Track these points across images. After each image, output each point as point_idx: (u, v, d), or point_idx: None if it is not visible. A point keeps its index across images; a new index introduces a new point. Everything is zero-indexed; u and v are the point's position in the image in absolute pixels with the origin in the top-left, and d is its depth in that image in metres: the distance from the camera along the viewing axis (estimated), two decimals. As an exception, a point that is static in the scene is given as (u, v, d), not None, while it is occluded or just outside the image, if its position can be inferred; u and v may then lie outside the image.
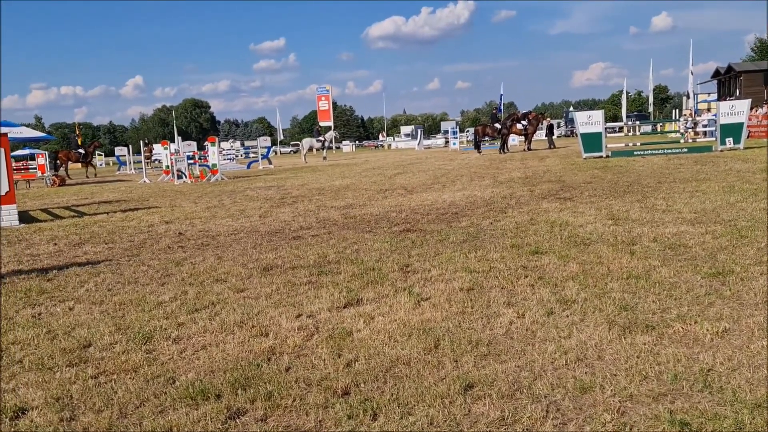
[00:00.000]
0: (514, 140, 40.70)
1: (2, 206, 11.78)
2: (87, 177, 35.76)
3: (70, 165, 35.43)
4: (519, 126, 33.27)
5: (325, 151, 40.51)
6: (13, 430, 3.07)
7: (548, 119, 40.63)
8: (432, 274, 5.71)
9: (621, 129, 52.71)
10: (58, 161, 34.03)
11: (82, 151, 36.55)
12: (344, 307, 4.85)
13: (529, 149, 32.44)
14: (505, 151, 32.11)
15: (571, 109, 76.68)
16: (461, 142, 47.95)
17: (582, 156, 21.36)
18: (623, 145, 26.37)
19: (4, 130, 15.14)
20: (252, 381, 3.47)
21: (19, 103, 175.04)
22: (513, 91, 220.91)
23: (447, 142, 56.32)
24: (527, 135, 33.45)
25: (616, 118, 76.89)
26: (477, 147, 34.69)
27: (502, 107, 51.92)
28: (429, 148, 58.98)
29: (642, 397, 3.04)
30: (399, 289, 5.24)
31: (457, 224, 8.57)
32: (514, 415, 2.93)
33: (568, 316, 4.29)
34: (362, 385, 3.36)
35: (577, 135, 23.15)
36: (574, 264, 5.73)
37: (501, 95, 53.72)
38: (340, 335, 4.17)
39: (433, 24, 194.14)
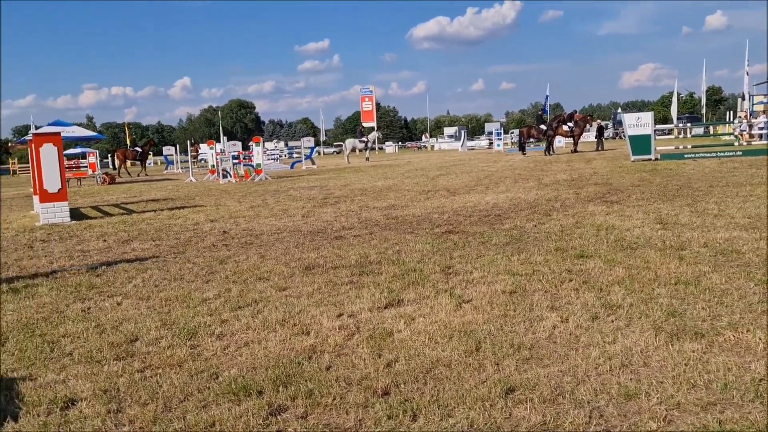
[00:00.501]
0: (560, 142, 40.23)
1: (55, 203, 12.10)
2: (138, 175, 36.57)
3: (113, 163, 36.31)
4: (565, 128, 32.87)
5: (368, 151, 40.62)
6: (63, 420, 3.15)
7: (598, 121, 39.98)
8: (474, 276, 5.67)
9: (671, 131, 51.68)
10: (116, 159, 35.03)
11: (138, 149, 37.50)
12: (385, 308, 4.85)
13: (575, 151, 32.01)
14: (551, 153, 31.74)
15: (619, 110, 75.47)
16: (505, 144, 47.55)
17: (630, 159, 20.99)
18: (673, 147, 25.85)
19: (57, 129, 15.54)
20: (293, 378, 3.50)
21: (72, 103, 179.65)
22: (559, 93, 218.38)
23: (491, 143, 56.03)
24: (574, 137, 33.02)
25: (666, 120, 75.37)
26: (522, 149, 34.35)
27: (547, 108, 51.33)
28: (472, 149, 58.68)
29: (690, 405, 2.97)
30: (440, 291, 5.22)
31: (500, 226, 8.50)
32: (556, 420, 2.90)
33: (613, 321, 4.22)
34: (402, 385, 3.35)
35: (625, 137, 22.76)
36: (620, 268, 5.63)
37: (546, 96, 53.12)
38: (381, 335, 4.17)
39: (479, 24, 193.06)
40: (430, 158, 39.83)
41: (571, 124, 32.74)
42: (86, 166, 31.53)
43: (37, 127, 18.33)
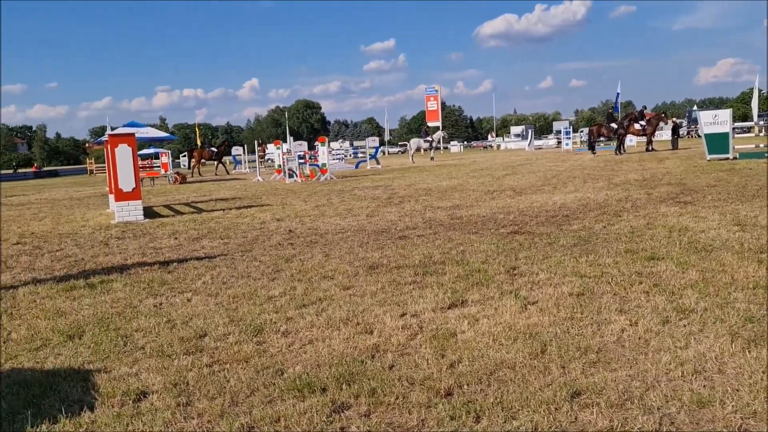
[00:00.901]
0: (632, 141, 39.24)
1: (129, 202, 12.51)
2: (215, 174, 37.56)
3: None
4: (637, 126, 32.00)
5: (432, 151, 40.53)
6: (135, 411, 3.25)
7: (673, 119, 38.80)
8: (540, 278, 5.59)
9: (750, 129, 49.70)
10: (193, 159, 36.12)
11: (214, 149, 38.53)
12: (449, 308, 4.83)
13: (648, 150, 31.17)
14: (622, 152, 30.96)
15: (695, 108, 73.14)
16: (574, 143, 46.68)
17: (706, 158, 20.31)
18: (753, 146, 24.88)
19: (131, 130, 16.07)
20: (356, 377, 3.52)
21: (146, 105, 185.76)
22: (631, 90, 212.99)
23: (559, 142, 55.08)
24: (646, 135, 32.14)
25: (746, 117, 72.55)
26: (591, 148, 33.62)
27: (618, 106, 50.06)
28: (540, 148, 57.84)
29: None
30: (505, 292, 5.17)
31: (567, 227, 8.36)
32: (624, 426, 2.83)
33: (685, 326, 4.09)
34: (465, 386, 3.33)
35: (701, 136, 22.02)
36: (693, 271, 5.45)
37: (618, 94, 51.80)
38: (444, 336, 4.15)
39: (547, 21, 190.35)
40: (496, 158, 39.46)
41: (643, 123, 31.86)
42: (159, 166, 32.53)
43: (112, 128, 18.98)
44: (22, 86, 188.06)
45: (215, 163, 39.78)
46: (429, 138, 40.87)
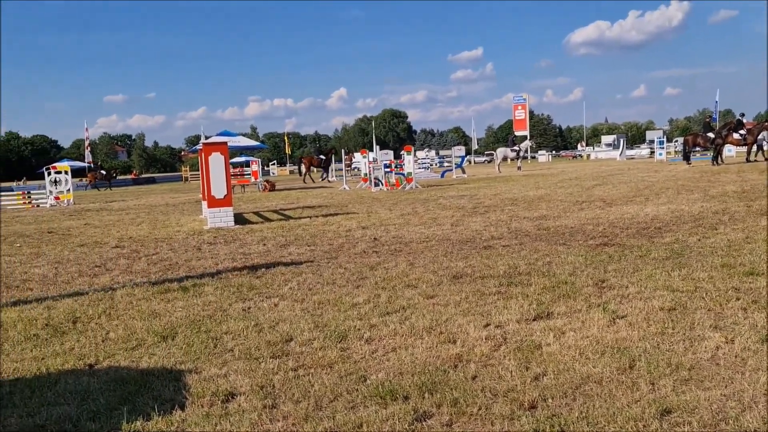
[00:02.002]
0: (731, 151, 37.60)
1: (221, 208, 12.92)
2: (321, 179, 38.37)
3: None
4: (736, 135, 30.63)
5: (519, 161, 40.06)
6: (223, 412, 3.36)
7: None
8: (629, 291, 5.44)
9: None
10: (302, 165, 37.12)
11: (323, 156, 39.35)
12: (534, 320, 4.77)
13: (748, 161, 29.79)
14: (719, 162, 29.70)
15: (798, 117, 69.41)
16: (668, 153, 45.11)
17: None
18: None
19: (224, 139, 16.59)
20: (439, 386, 3.52)
21: (238, 115, 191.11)
22: (730, 98, 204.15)
23: (652, 152, 53.33)
24: (747, 145, 30.71)
25: None
26: (686, 158, 32.41)
27: (716, 115, 48.18)
28: (632, 158, 56.22)
29: None
30: (593, 305, 5.05)
31: (659, 240, 8.09)
32: (717, 447, 2.72)
33: (785, 345, 3.90)
34: (550, 400, 3.28)
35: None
36: (794, 288, 5.18)
37: (716, 102, 49.89)
38: (529, 348, 4.10)
39: (641, 28, 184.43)
40: (586, 167, 38.59)
41: (743, 132, 30.49)
42: (249, 174, 33.45)
43: (206, 137, 19.66)
44: (123, 96, 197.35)
45: (323, 169, 40.39)
46: (516, 147, 40.42)
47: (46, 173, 25.33)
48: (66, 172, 25.46)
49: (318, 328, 4.82)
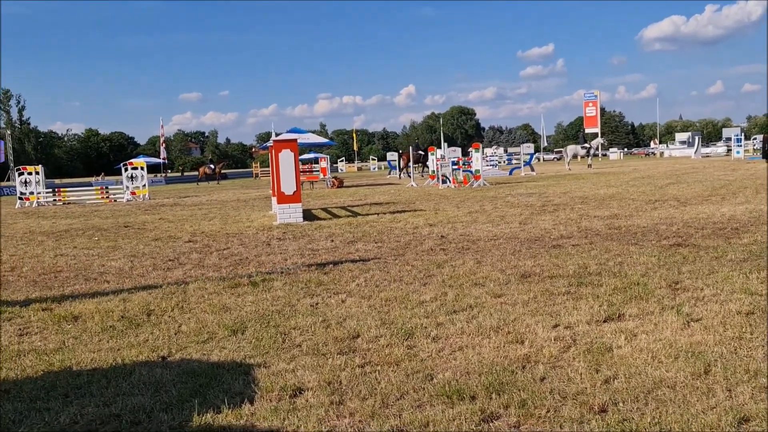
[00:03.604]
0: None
1: (290, 204, 13.13)
2: (422, 175, 38.39)
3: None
4: (819, 133, 29.25)
5: (590, 158, 39.28)
6: (291, 406, 3.42)
7: None
8: (705, 294, 5.27)
9: None
10: (402, 161, 37.33)
11: (422, 152, 39.46)
12: (604, 321, 4.67)
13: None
14: (801, 161, 28.45)
15: None
16: (746, 151, 43.41)
17: None
18: None
19: (294, 136, 16.85)
20: (506, 387, 3.49)
21: (308, 112, 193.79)
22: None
23: (729, 150, 51.44)
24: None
25: None
26: (766, 156, 31.17)
27: (798, 112, 46.00)
28: (707, 156, 54.36)
29: None
30: (666, 307, 4.92)
31: (737, 241, 7.81)
32: (798, 459, 2.61)
33: None
34: (621, 404, 3.21)
35: None
36: None
37: (798, 98, 47.67)
38: (599, 350, 4.03)
39: (719, 23, 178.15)
40: (659, 165, 37.53)
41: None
42: (318, 171, 33.86)
43: (277, 134, 19.99)
44: (197, 94, 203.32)
45: (421, 165, 40.24)
46: (586, 144, 39.66)
47: (123, 169, 26.22)
48: (142, 168, 26.29)
49: (385, 325, 4.85)
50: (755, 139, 48.45)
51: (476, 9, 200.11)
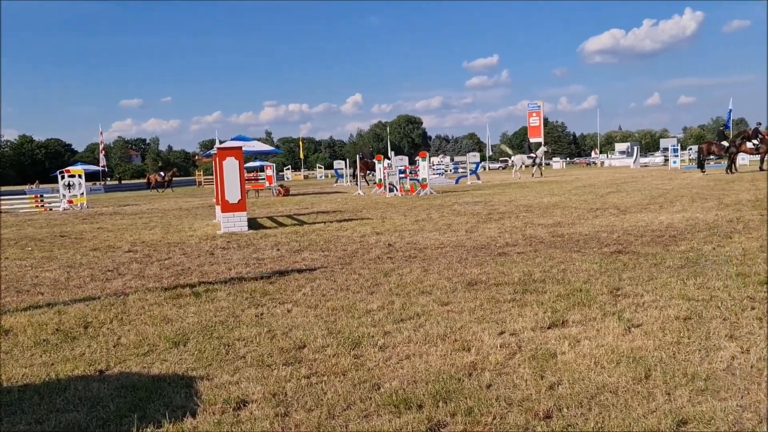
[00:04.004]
0: (744, 159, 37.32)
1: (235, 213, 12.96)
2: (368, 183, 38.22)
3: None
4: (750, 144, 30.41)
5: (536, 167, 40.04)
6: (235, 419, 3.35)
7: None
8: (645, 300, 5.39)
9: None
10: (359, 170, 37.00)
11: (375, 161, 39.21)
12: (548, 328, 4.73)
13: (762, 169, 29.58)
14: (733, 171, 29.52)
15: (814, 125, 68.69)
16: (682, 161, 44.81)
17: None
18: None
19: (239, 143, 16.66)
20: (453, 394, 3.50)
21: (253, 119, 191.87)
22: (744, 107, 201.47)
23: (666, 160, 53.03)
24: (760, 154, 30.49)
25: None
26: (701, 166, 32.23)
27: (730, 124, 47.83)
28: (646, 166, 55.90)
29: None
30: (608, 313, 5.02)
31: (674, 248, 8.03)
32: (735, 460, 2.68)
33: (803, 356, 3.85)
34: (565, 410, 3.25)
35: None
36: (812, 298, 5.12)
37: (730, 111, 49.49)
38: (544, 356, 4.07)
39: (656, 37, 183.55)
40: (600, 175, 38.42)
41: (756, 141, 30.25)
42: (264, 179, 33.57)
43: (221, 142, 19.72)
44: (138, 101, 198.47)
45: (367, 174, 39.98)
46: (533, 154, 40.45)
47: (59, 177, 25.49)
48: (80, 176, 25.62)
49: (331, 335, 4.81)
50: (691, 149, 50.07)
51: (423, 19, 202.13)
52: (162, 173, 47.93)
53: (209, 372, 4.11)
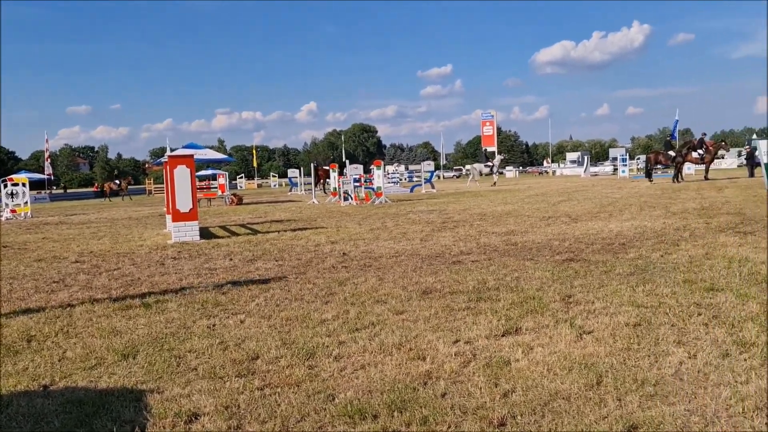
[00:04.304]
0: (690, 169, 38.38)
1: (186, 222, 12.76)
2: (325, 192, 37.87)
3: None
4: (695, 154, 31.32)
5: (496, 176, 40.75)
6: (186, 432, 3.28)
7: (749, 146, 37.81)
8: (596, 307, 5.48)
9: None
10: (315, 178, 36.68)
11: (327, 168, 38.90)
12: (502, 336, 4.77)
13: (707, 178, 30.47)
14: (679, 180, 30.34)
15: (754, 136, 71.06)
16: (631, 170, 45.89)
17: (766, 187, 19.71)
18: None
19: (190, 151, 16.44)
20: (408, 404, 3.49)
21: (205, 127, 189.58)
22: (689, 118, 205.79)
23: (615, 169, 54.23)
24: (705, 163, 31.41)
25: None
26: (648, 175, 33.05)
27: (676, 134, 49.05)
28: (596, 175, 57.07)
29: (835, 457, 2.72)
30: (560, 320, 5.08)
31: (624, 255, 8.19)
32: (684, 464, 2.73)
33: (746, 360, 3.96)
34: (519, 417, 3.27)
35: (761, 164, 21.41)
36: (754, 303, 5.27)
37: (676, 121, 50.77)
38: (498, 364, 4.10)
39: (605, 48, 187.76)
40: (552, 184, 39.04)
41: (701, 151, 31.18)
42: (216, 187, 33.18)
43: (172, 150, 19.39)
44: (86, 107, 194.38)
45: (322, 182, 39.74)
46: (490, 163, 41.11)
47: (2, 185, 24.74)
48: (23, 185, 24.92)
49: (285, 346, 4.76)
50: (639, 159, 51.26)
51: (378, 28, 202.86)
52: (117, 181, 47.12)
53: (159, 385, 4.03)
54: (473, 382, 3.81)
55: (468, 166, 45.48)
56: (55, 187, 67.32)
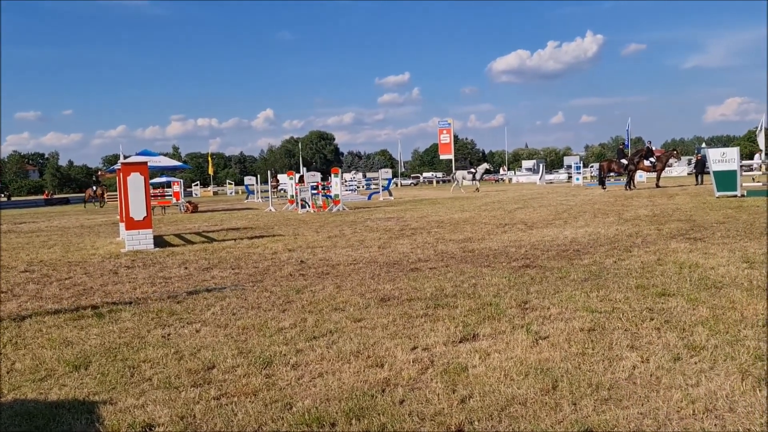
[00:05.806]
0: (642, 177, 39.23)
1: (140, 230, 12.55)
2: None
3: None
4: (647, 162, 32.01)
5: (478, 182, 41.40)
6: (140, 444, 3.22)
7: (698, 155, 38.79)
8: (551, 312, 5.56)
9: (758, 167, 49.48)
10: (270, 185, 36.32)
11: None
12: (460, 342, 4.80)
13: (658, 186, 31.17)
14: (632, 187, 30.97)
15: (704, 145, 73.05)
16: (585, 178, 46.73)
17: (714, 195, 20.26)
18: (761, 184, 24.78)
19: (144, 158, 16.18)
20: (366, 411, 3.49)
21: (159, 133, 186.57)
22: (641, 126, 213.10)
23: (570, 177, 55.18)
24: (656, 171, 32.14)
25: (753, 155, 72.37)
26: (602, 183, 33.66)
27: (628, 142, 50.14)
28: (551, 183, 57.91)
29: (781, 456, 2.81)
30: (516, 326, 5.14)
31: (578, 262, 8.32)
32: (637, 466, 2.78)
33: (696, 363, 4.05)
34: (476, 422, 3.30)
35: (709, 173, 22.00)
36: (703, 308, 5.41)
37: (628, 130, 51.94)
38: (455, 370, 4.12)
39: (559, 58, 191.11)
40: (508, 191, 39.50)
41: (653, 159, 31.89)
42: (171, 195, 32.73)
43: (125, 157, 19.04)
44: (36, 113, 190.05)
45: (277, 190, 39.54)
46: (472, 170, 41.88)
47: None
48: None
49: (242, 355, 4.71)
50: (592, 167, 52.28)
51: (335, 35, 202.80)
52: (95, 188, 46.12)
53: (113, 396, 3.95)
54: (431, 388, 3.83)
55: (452, 174, 46.33)
56: (2, 195, 65.62)
